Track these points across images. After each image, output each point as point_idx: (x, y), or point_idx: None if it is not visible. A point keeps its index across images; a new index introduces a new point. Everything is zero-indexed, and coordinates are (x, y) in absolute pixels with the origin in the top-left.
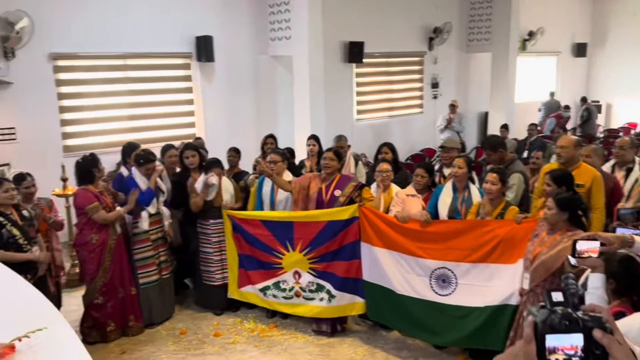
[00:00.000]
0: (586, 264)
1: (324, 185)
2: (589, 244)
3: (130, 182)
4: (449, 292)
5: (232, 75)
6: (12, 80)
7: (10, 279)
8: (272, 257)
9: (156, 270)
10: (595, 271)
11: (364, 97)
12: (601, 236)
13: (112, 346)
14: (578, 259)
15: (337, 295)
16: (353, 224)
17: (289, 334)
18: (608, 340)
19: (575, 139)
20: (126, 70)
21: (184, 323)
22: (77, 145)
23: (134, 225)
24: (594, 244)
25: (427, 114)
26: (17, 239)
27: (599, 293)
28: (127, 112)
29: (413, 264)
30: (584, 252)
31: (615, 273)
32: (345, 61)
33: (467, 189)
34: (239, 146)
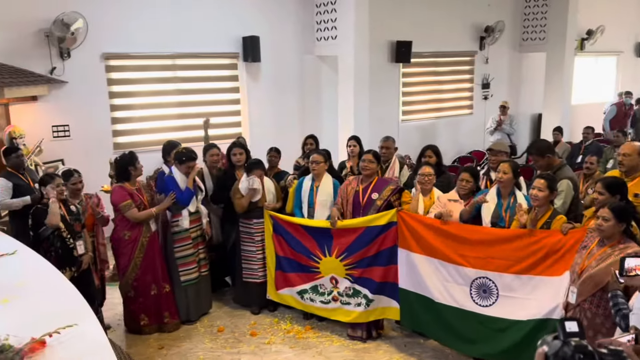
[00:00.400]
0: (635, 282)
1: (361, 188)
2: (638, 261)
3: (169, 180)
4: (489, 303)
5: (277, 75)
6: (67, 79)
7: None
8: (310, 260)
9: (196, 268)
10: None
11: (411, 98)
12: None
13: (151, 341)
14: (626, 277)
15: (375, 298)
16: (391, 229)
17: (325, 336)
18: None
19: (638, 145)
20: (175, 70)
21: (222, 321)
22: (127, 142)
23: (174, 224)
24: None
25: (477, 115)
26: (62, 231)
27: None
28: (175, 111)
29: (453, 272)
30: (633, 270)
31: None
32: (392, 61)
33: (513, 195)
34: (283, 146)
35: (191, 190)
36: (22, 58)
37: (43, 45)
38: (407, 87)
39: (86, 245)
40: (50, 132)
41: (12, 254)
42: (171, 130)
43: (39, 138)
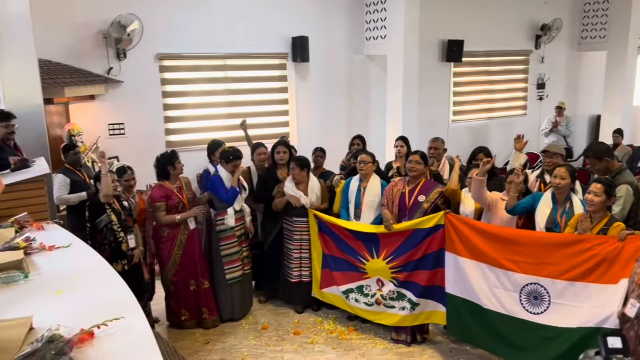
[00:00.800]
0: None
1: (407, 189)
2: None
3: (215, 179)
4: (541, 310)
5: (326, 75)
6: (122, 79)
7: (101, 268)
8: (357, 261)
9: (240, 266)
10: None
11: (462, 98)
12: None
13: (197, 335)
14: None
15: (421, 302)
16: (438, 232)
17: (368, 338)
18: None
19: None
20: (225, 70)
21: (266, 318)
22: (178, 141)
23: (219, 222)
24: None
25: (531, 116)
26: (114, 224)
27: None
28: (224, 111)
29: (502, 278)
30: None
31: None
32: (443, 60)
33: (569, 200)
34: (330, 146)
35: (236, 189)
36: (81, 59)
37: (101, 46)
38: (458, 86)
39: (137, 240)
40: (106, 130)
41: (67, 246)
42: (220, 130)
43: (96, 136)
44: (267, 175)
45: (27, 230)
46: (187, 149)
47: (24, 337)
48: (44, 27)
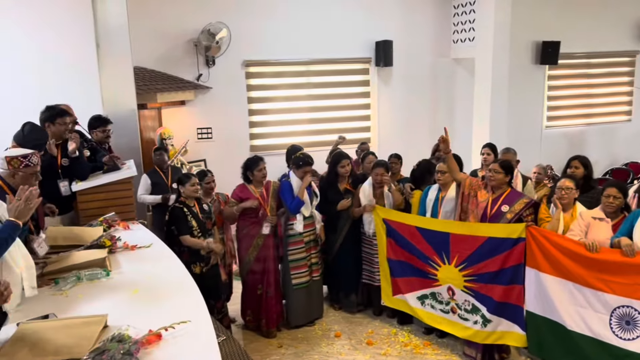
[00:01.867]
0: None
1: (491, 198)
2: None
3: (285, 185)
4: (633, 336)
5: (409, 79)
6: (211, 85)
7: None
8: (427, 266)
9: (307, 272)
10: None
11: (557, 102)
12: None
13: (271, 339)
14: None
15: (493, 319)
16: (518, 245)
17: (444, 354)
18: None
19: None
20: (308, 75)
21: (340, 326)
22: (262, 145)
23: (288, 227)
24: None
25: (636, 122)
26: (194, 229)
27: None
28: (307, 116)
29: (590, 298)
30: None
31: None
32: (537, 62)
33: None
34: (412, 152)
35: (301, 199)
36: (173, 66)
37: (191, 54)
38: (554, 90)
39: (216, 242)
40: (195, 134)
41: (148, 246)
42: (302, 135)
43: (185, 139)
44: (327, 186)
45: (113, 230)
46: (270, 153)
47: (97, 335)
48: (139, 36)
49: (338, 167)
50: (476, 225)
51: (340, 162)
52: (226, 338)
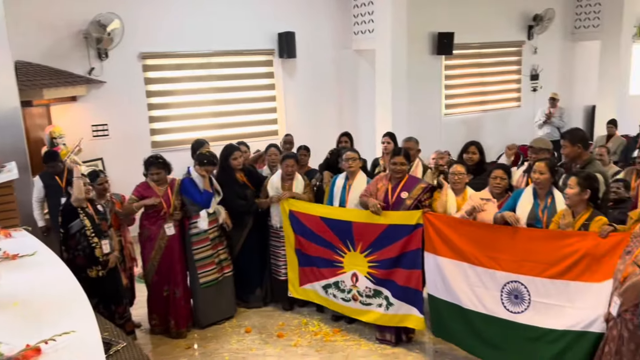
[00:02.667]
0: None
1: (390, 186)
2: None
3: (188, 182)
4: (521, 309)
5: (314, 70)
6: (105, 79)
7: (63, 278)
8: (334, 254)
9: (216, 269)
10: None
11: (454, 91)
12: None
13: (179, 340)
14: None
15: (395, 303)
16: (416, 231)
17: (353, 340)
18: None
19: None
20: (210, 67)
21: (250, 321)
22: (164, 141)
23: (192, 225)
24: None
25: (525, 108)
26: (87, 229)
27: None
28: (211, 109)
29: (483, 276)
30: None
31: None
32: (434, 53)
33: (550, 195)
34: (321, 143)
35: (209, 192)
36: (61, 59)
37: (81, 47)
38: (450, 79)
39: (112, 244)
40: (89, 132)
41: (32, 255)
42: (207, 129)
43: (78, 137)
44: (226, 179)
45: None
46: (173, 148)
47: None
48: (22, 28)
49: (230, 159)
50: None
51: (232, 154)
52: (126, 345)
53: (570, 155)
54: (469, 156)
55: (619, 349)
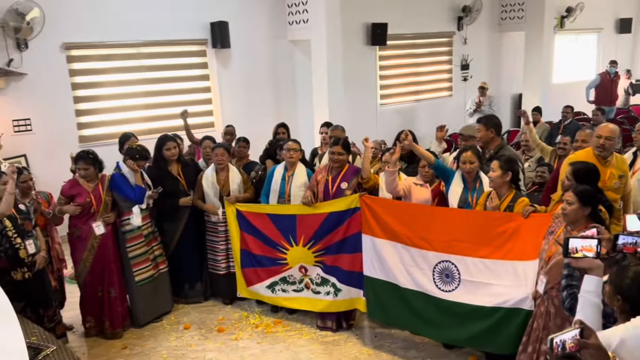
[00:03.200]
0: (580, 265)
1: (330, 177)
2: (584, 242)
3: (118, 178)
4: (452, 288)
5: (249, 61)
6: (26, 71)
7: None
8: (277, 252)
9: (151, 266)
10: (591, 273)
11: (389, 81)
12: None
13: (115, 341)
14: (571, 258)
15: (343, 289)
16: (355, 214)
17: (294, 330)
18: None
19: (618, 128)
20: (140, 58)
21: (189, 317)
22: (94, 135)
23: (124, 222)
24: (590, 242)
25: (457, 97)
26: (7, 230)
27: (590, 298)
28: (143, 101)
29: (416, 256)
30: (578, 251)
31: (625, 290)
32: (368, 44)
33: (478, 179)
34: (258, 134)
35: (141, 187)
36: None
37: None
38: (385, 70)
39: (38, 245)
40: (10, 127)
41: None
42: (139, 121)
43: None
44: (157, 173)
45: None
46: (103, 143)
47: None
48: None
49: (163, 150)
50: (319, 204)
51: (165, 144)
52: (56, 348)
53: (483, 138)
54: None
55: (546, 324)
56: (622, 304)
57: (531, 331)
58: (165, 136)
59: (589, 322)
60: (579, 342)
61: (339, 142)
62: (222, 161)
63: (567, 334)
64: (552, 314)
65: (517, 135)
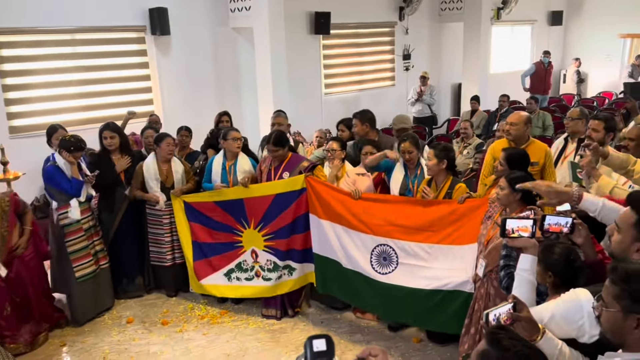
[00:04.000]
0: (516, 244)
1: (273, 167)
2: (520, 222)
3: (52, 170)
4: (389, 270)
5: (190, 49)
6: None
7: None
8: (233, 235)
9: (92, 261)
10: (526, 252)
11: (333, 70)
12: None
13: (53, 338)
14: (508, 239)
15: (298, 267)
16: (302, 195)
17: (240, 320)
18: None
19: (526, 115)
20: (75, 45)
21: (132, 311)
22: (25, 125)
23: (62, 216)
24: (526, 222)
25: (399, 86)
26: None
27: (525, 276)
28: (78, 90)
29: (356, 239)
30: (515, 231)
31: (554, 265)
32: (312, 33)
33: (419, 167)
34: (201, 123)
35: (79, 179)
36: None
37: None
38: (329, 59)
39: None
40: None
41: None
42: (75, 111)
43: None
44: (98, 161)
45: None
46: (35, 134)
47: None
48: None
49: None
50: (263, 185)
51: (102, 133)
52: None
53: (360, 133)
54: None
55: (486, 305)
56: (553, 280)
57: (472, 313)
58: (104, 125)
59: (524, 298)
60: (512, 315)
61: (270, 139)
62: (172, 151)
63: (501, 308)
64: (492, 295)
65: (456, 124)
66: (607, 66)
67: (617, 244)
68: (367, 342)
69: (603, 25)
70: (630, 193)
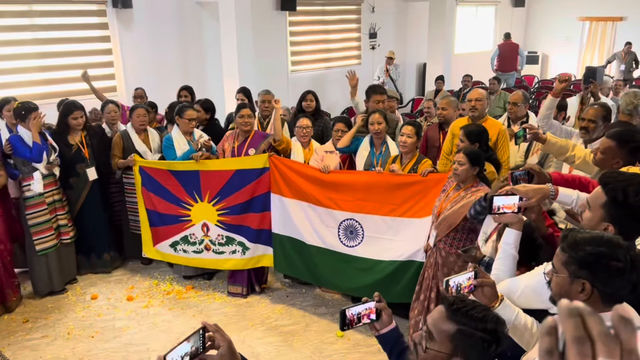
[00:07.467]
0: (503, 220)
1: (236, 144)
2: (507, 200)
3: (14, 139)
4: (355, 243)
5: (153, 22)
6: None
7: None
8: (180, 209)
9: (54, 235)
10: (512, 227)
11: (299, 48)
12: (520, 190)
13: (15, 315)
14: (495, 215)
15: (251, 247)
16: (264, 174)
17: (206, 294)
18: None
19: (485, 91)
20: (32, 16)
21: (97, 287)
22: None
23: (25, 188)
24: (512, 200)
25: (366, 65)
26: None
27: (509, 249)
28: (37, 63)
29: (323, 215)
30: (502, 208)
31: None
32: (278, 9)
33: (385, 144)
34: (165, 99)
35: (39, 144)
36: None
37: None
38: (295, 36)
39: None
40: None
41: None
42: (32, 85)
43: None
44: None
45: None
46: None
47: None
48: None
49: (69, 118)
50: (224, 160)
51: (72, 112)
52: None
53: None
54: (307, 104)
55: (435, 273)
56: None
57: (422, 280)
58: (72, 104)
59: (506, 269)
60: (478, 280)
61: (245, 105)
62: (144, 122)
63: (462, 276)
64: (440, 264)
65: (420, 103)
66: (567, 48)
67: (587, 221)
68: (332, 314)
69: (564, 8)
70: (603, 173)
